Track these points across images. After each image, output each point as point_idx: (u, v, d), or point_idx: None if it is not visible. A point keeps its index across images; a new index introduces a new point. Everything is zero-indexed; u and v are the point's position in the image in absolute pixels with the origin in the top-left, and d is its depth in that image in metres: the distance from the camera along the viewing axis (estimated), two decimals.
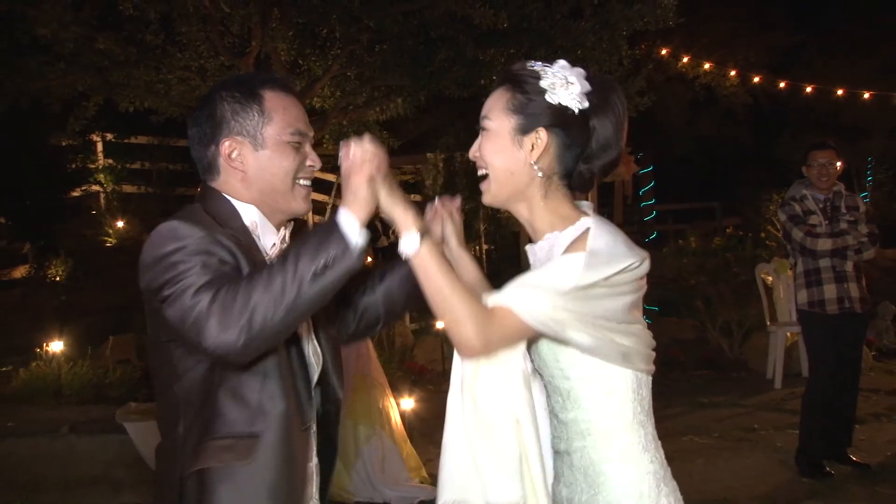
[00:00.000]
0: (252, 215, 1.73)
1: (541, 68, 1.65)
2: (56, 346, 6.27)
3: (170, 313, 1.55)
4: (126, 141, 11.37)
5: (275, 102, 1.73)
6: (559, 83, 1.63)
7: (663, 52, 14.46)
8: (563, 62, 1.66)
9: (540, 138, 1.64)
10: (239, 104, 1.71)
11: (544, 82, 1.63)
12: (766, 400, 6.70)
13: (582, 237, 1.58)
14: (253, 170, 1.72)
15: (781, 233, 5.28)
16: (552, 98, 1.63)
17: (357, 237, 1.53)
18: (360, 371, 4.81)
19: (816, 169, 4.84)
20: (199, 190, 1.79)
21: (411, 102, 8.31)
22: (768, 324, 7.36)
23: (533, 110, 1.64)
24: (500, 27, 6.85)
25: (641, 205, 17.04)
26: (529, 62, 1.68)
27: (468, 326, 1.53)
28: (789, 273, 5.94)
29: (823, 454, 4.85)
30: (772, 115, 17.15)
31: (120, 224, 10.75)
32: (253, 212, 1.73)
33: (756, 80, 15.28)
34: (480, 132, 1.70)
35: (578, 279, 1.52)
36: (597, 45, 7.41)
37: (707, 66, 15.18)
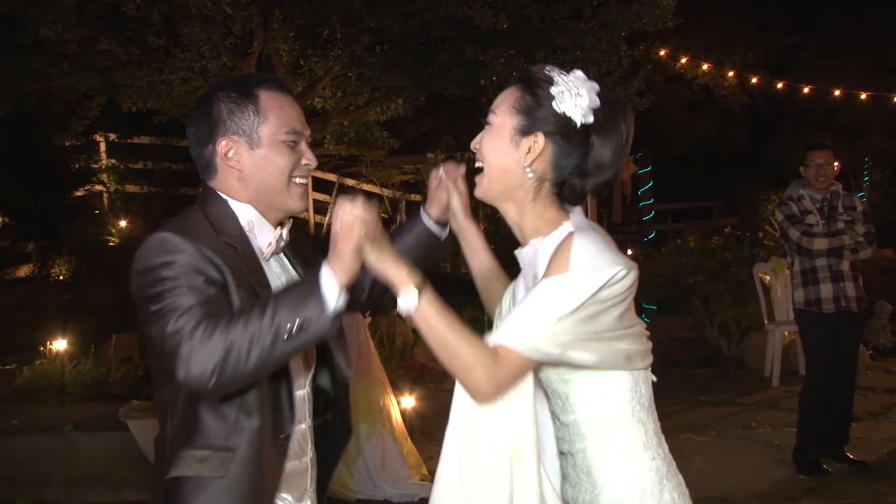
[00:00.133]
0: (249, 214, 1.76)
1: (557, 75, 1.64)
2: (59, 345, 6.25)
3: (152, 331, 1.60)
4: (129, 141, 11.45)
5: (270, 102, 1.75)
6: (568, 93, 1.62)
7: (662, 52, 14.53)
8: (581, 73, 1.65)
9: (538, 142, 1.63)
10: (235, 104, 1.73)
11: (555, 89, 1.62)
12: (763, 398, 6.71)
13: (565, 244, 1.57)
14: (249, 168, 1.74)
15: (779, 232, 5.29)
16: (558, 106, 1.62)
17: (335, 301, 1.54)
18: (361, 369, 4.82)
19: (814, 169, 4.84)
20: (200, 189, 1.83)
21: (412, 103, 8.36)
22: (766, 323, 7.37)
23: (537, 114, 1.63)
24: (500, 28, 6.89)
25: (640, 204, 17.09)
26: (549, 66, 1.67)
27: (478, 373, 1.54)
28: (787, 272, 5.95)
29: (821, 452, 4.85)
30: (769, 116, 17.20)
31: (123, 223, 10.80)
32: (249, 211, 1.76)
33: (754, 80, 15.34)
34: (485, 124, 1.71)
35: (567, 304, 1.51)
36: (596, 45, 7.45)
37: (705, 66, 15.23)
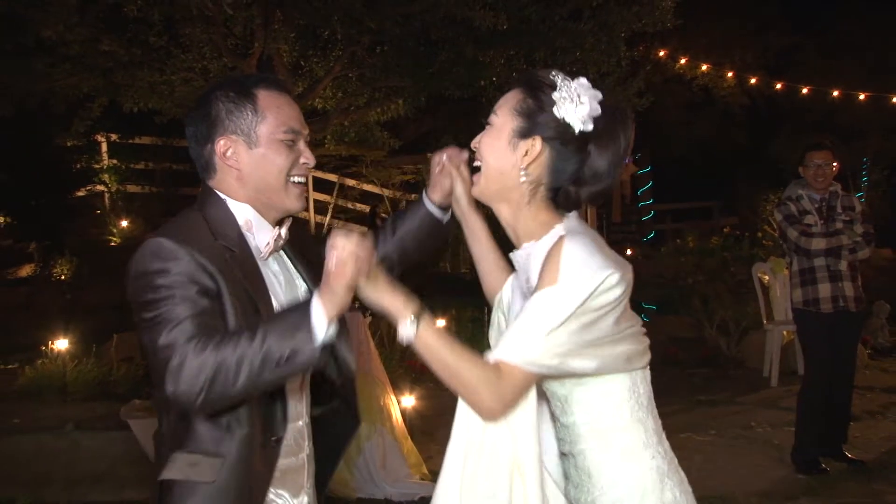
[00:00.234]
0: (247, 214, 1.77)
1: (561, 80, 1.64)
2: (61, 344, 6.25)
3: (144, 339, 1.62)
4: (130, 141, 11.52)
5: (268, 101, 1.75)
6: (570, 99, 1.62)
7: (661, 53, 14.57)
8: (585, 81, 1.65)
9: (535, 146, 1.63)
10: (233, 103, 1.74)
11: (557, 94, 1.62)
12: (762, 397, 6.72)
13: (555, 251, 1.57)
14: (248, 168, 1.75)
15: (778, 232, 5.29)
16: (558, 111, 1.62)
17: (323, 334, 1.56)
18: (362, 369, 4.83)
19: (813, 169, 4.84)
20: (200, 189, 1.84)
21: (412, 103, 8.39)
22: (765, 322, 7.38)
23: (537, 118, 1.63)
24: (500, 29, 6.92)
25: (640, 204, 17.13)
26: (554, 71, 1.67)
27: (483, 393, 1.55)
28: (785, 272, 5.95)
29: (819, 451, 4.86)
30: (768, 116, 17.23)
31: (124, 223, 10.86)
32: (248, 210, 1.77)
33: (753, 81, 15.38)
34: (486, 124, 1.71)
35: (559, 316, 1.52)
36: (596, 46, 7.48)
37: (704, 67, 15.27)
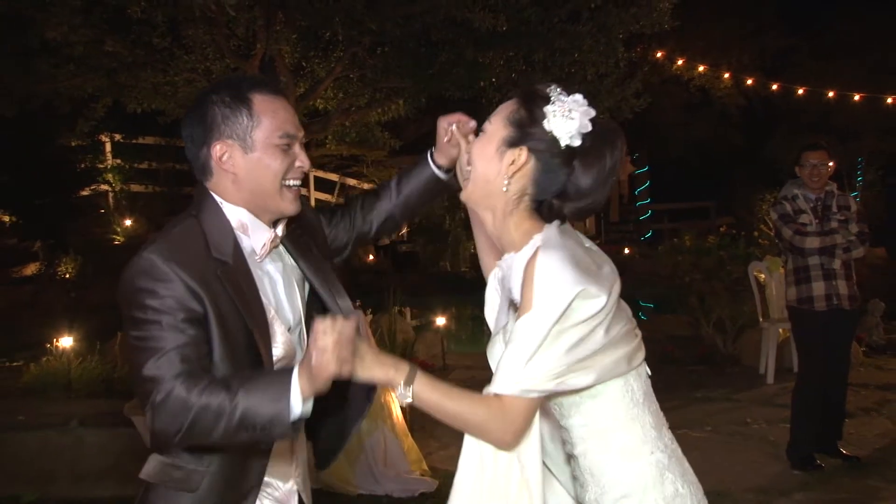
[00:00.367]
0: (242, 217, 1.78)
1: (555, 95, 1.65)
2: (66, 342, 6.25)
3: (129, 354, 1.67)
4: (134, 141, 11.60)
5: (263, 106, 1.75)
6: (560, 113, 1.63)
7: (659, 54, 14.64)
8: (580, 97, 1.65)
9: (521, 156, 1.64)
10: (228, 108, 1.74)
11: (549, 108, 1.63)
12: (758, 395, 6.75)
13: (529, 268, 1.58)
14: (243, 172, 1.75)
15: (773, 231, 5.32)
16: (547, 124, 1.63)
17: (299, 411, 1.59)
18: None
19: (808, 169, 4.87)
20: (195, 190, 1.84)
21: (412, 104, 8.42)
22: (761, 320, 7.39)
23: (526, 129, 1.64)
24: (500, 30, 6.95)
25: (637, 204, 17.26)
26: (553, 85, 1.68)
27: (492, 430, 1.59)
28: (781, 271, 5.99)
29: (814, 447, 4.89)
30: (765, 117, 17.30)
31: (128, 222, 10.93)
32: (243, 213, 1.78)
33: (749, 82, 15.45)
34: (480, 131, 1.74)
35: (538, 341, 1.53)
36: (594, 47, 7.51)
37: (701, 68, 15.34)
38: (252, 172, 1.75)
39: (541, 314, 1.53)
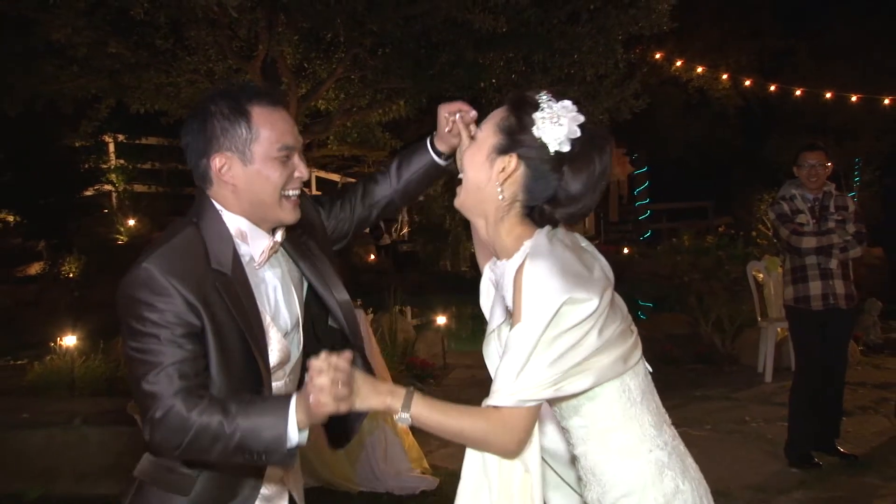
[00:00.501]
0: (241, 225, 1.79)
1: (545, 101, 1.65)
2: (70, 341, 6.25)
3: (127, 364, 1.68)
4: (137, 142, 11.63)
5: (262, 118, 1.75)
6: (549, 120, 1.63)
7: (657, 55, 14.68)
8: (569, 103, 1.65)
9: (511, 163, 1.64)
10: (227, 121, 1.73)
11: (538, 114, 1.64)
12: (756, 393, 6.78)
13: (518, 277, 1.59)
14: (243, 184, 1.76)
15: (771, 231, 5.35)
16: (536, 131, 1.63)
17: (297, 438, 1.61)
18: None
19: (806, 170, 4.90)
20: (195, 195, 1.84)
21: (413, 104, 8.44)
22: (759, 319, 7.42)
23: (516, 136, 1.65)
24: (500, 32, 6.96)
25: (636, 204, 17.32)
26: (543, 92, 1.68)
27: (494, 442, 1.61)
28: (779, 270, 6.00)
29: (812, 446, 4.92)
30: (762, 118, 17.33)
31: (131, 222, 10.92)
32: (242, 222, 1.79)
33: (747, 83, 15.48)
34: (472, 138, 1.76)
35: (530, 351, 1.55)
36: (593, 48, 7.53)
37: (700, 69, 15.37)
38: (251, 184, 1.76)
39: (530, 324, 1.54)
